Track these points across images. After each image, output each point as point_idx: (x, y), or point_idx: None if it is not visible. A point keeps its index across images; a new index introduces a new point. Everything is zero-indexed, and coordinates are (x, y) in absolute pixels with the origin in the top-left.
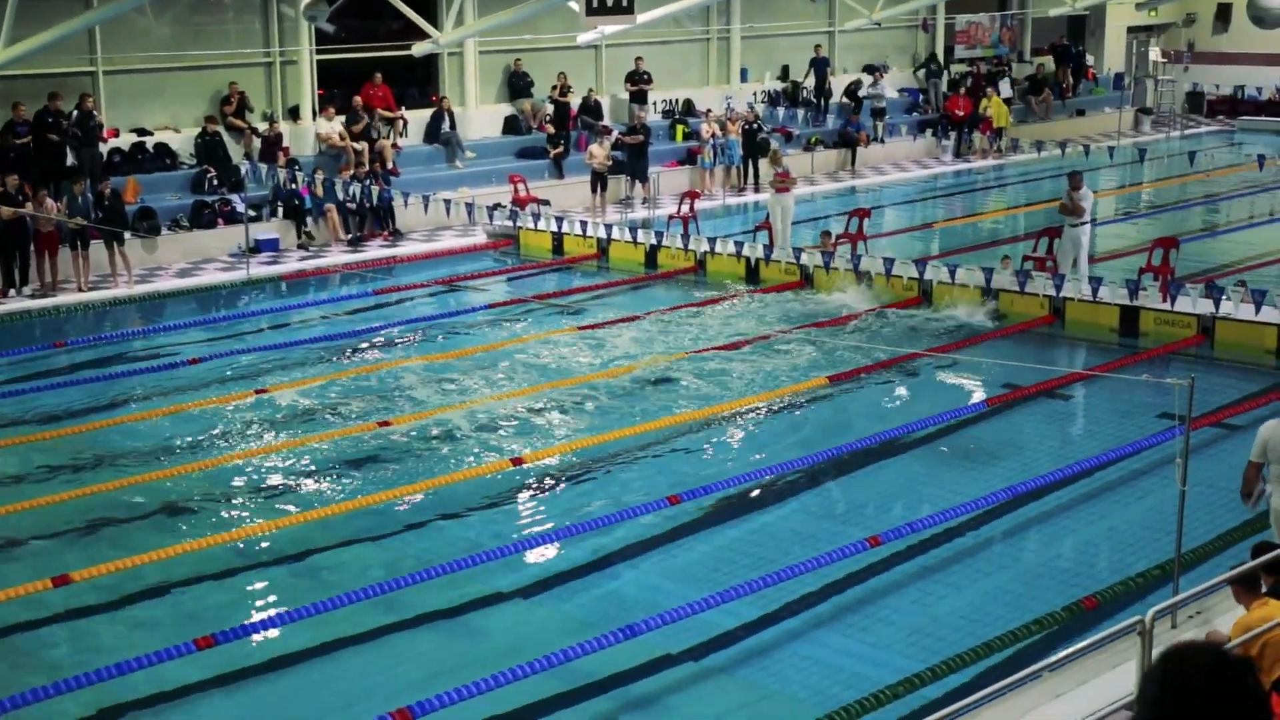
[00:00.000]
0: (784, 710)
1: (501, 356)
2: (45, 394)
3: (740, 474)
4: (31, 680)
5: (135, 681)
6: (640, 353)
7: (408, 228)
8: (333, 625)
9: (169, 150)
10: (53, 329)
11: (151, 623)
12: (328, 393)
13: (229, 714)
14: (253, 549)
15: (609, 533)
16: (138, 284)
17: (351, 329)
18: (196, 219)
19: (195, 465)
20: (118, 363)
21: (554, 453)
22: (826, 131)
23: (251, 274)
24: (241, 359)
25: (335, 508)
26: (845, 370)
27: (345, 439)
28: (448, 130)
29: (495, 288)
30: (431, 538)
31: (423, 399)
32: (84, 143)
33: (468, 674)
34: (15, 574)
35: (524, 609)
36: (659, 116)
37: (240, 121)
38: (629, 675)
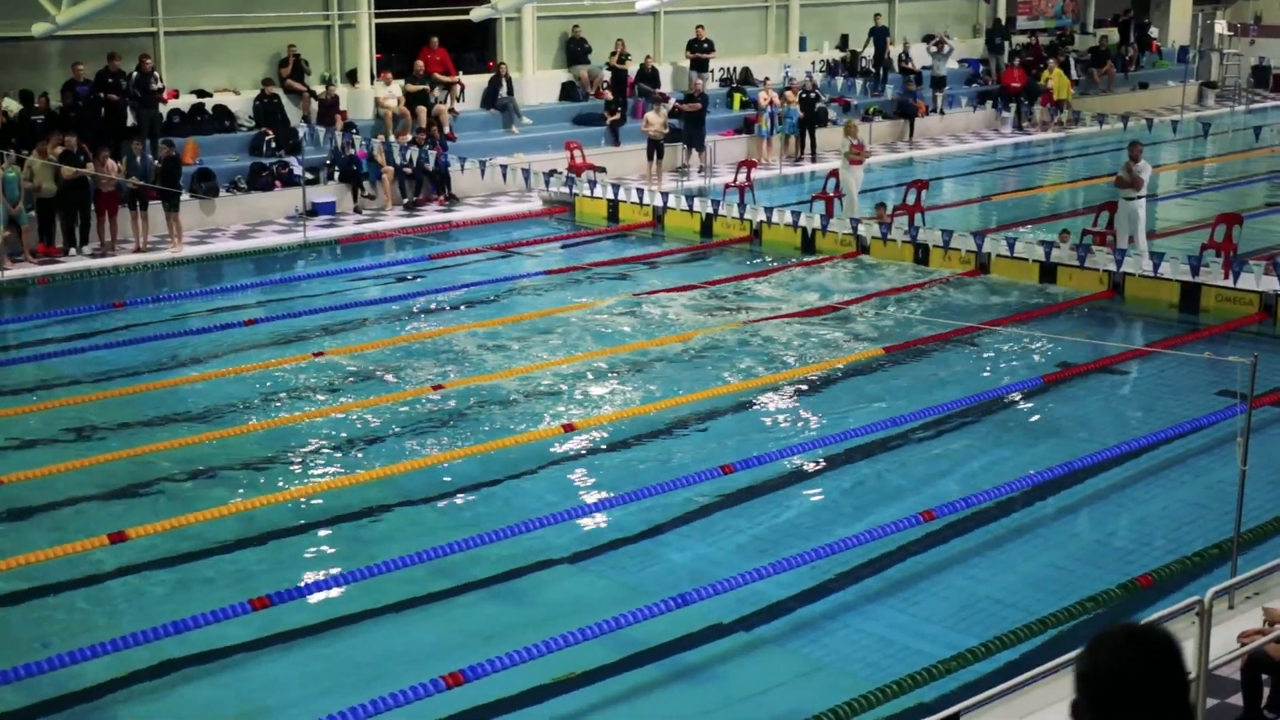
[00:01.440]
0: (834, 682)
1: (555, 323)
2: (104, 353)
3: (793, 445)
4: (91, 636)
5: (193, 640)
6: (694, 321)
7: (463, 193)
8: (385, 588)
9: (228, 112)
10: (111, 288)
11: (207, 582)
12: (383, 356)
13: (282, 675)
14: (307, 510)
15: (661, 501)
16: (196, 245)
17: (407, 293)
18: (254, 181)
19: (252, 426)
20: (175, 323)
21: (606, 420)
22: (884, 102)
23: (308, 237)
24: (298, 321)
25: (388, 470)
26: (900, 342)
27: (400, 403)
28: (505, 96)
29: (550, 254)
30: (483, 502)
31: (476, 364)
32: (144, 103)
33: (518, 639)
34: (74, 530)
35: (575, 575)
36: (716, 85)
37: (298, 84)
38: (679, 644)
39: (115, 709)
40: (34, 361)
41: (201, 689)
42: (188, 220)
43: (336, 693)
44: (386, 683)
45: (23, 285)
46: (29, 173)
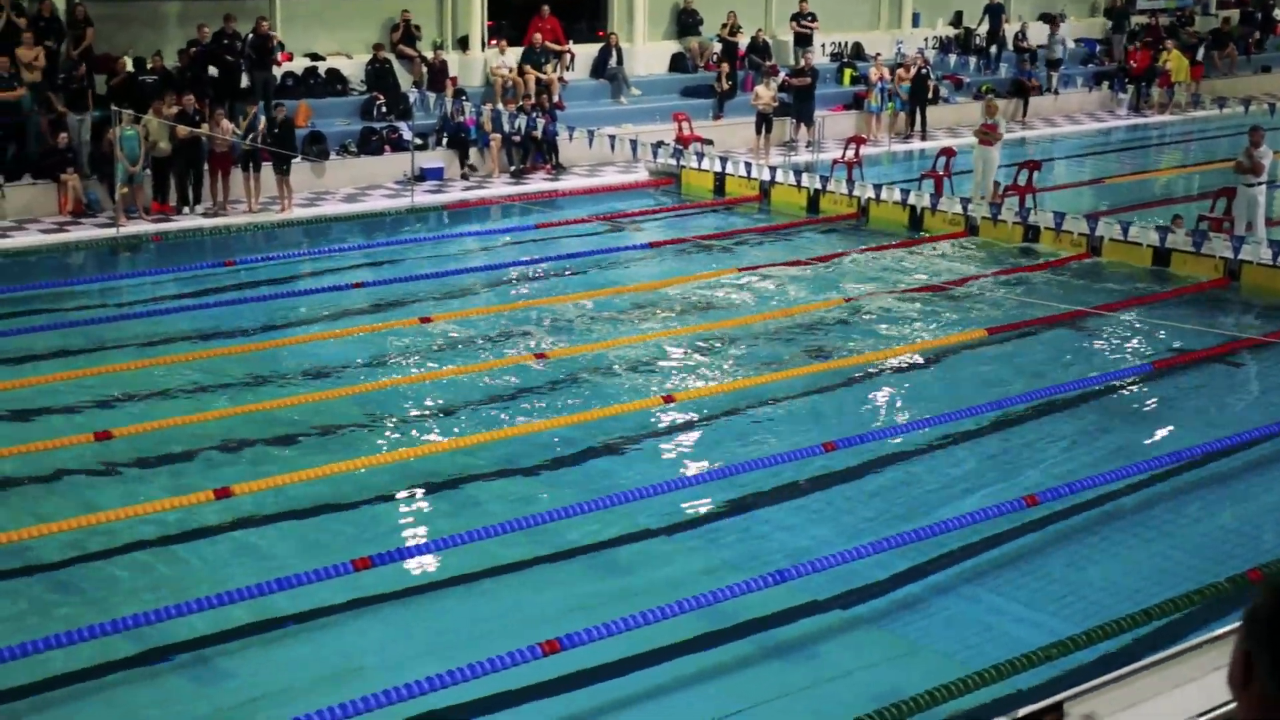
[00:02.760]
0: (930, 664)
1: (658, 295)
2: (214, 310)
3: (895, 424)
4: (196, 590)
5: (294, 597)
6: (798, 297)
7: (570, 162)
8: (483, 554)
9: (340, 76)
10: (223, 247)
11: (309, 541)
12: (487, 323)
13: (381, 635)
14: (409, 474)
15: (760, 476)
16: (305, 207)
17: (511, 260)
18: (364, 145)
19: (357, 388)
20: (284, 284)
21: (707, 393)
22: (998, 80)
23: (415, 202)
24: (404, 286)
25: (489, 436)
26: (1006, 324)
27: (502, 370)
28: (614, 66)
29: (654, 226)
30: (582, 472)
31: (579, 333)
32: (258, 66)
33: (613, 610)
34: (181, 484)
35: (672, 547)
36: (827, 59)
37: (409, 50)
38: (774, 620)
39: (219, 660)
40: (147, 317)
41: (301, 646)
42: (298, 182)
43: (434, 655)
44: (483, 647)
45: (138, 241)
46: (146, 131)
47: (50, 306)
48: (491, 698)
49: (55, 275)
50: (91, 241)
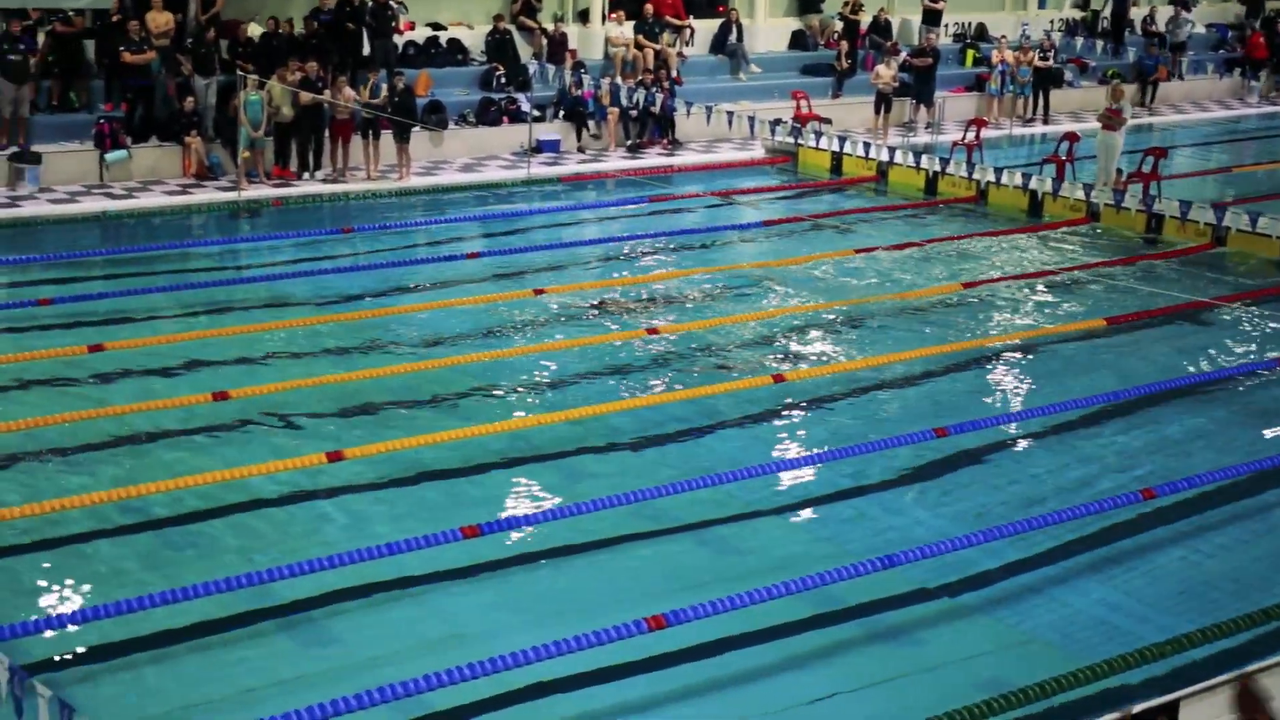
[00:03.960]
0: (1038, 656)
1: (772, 273)
2: (331, 277)
3: (1009, 411)
4: (306, 552)
5: (403, 562)
6: (913, 279)
7: (686, 137)
8: (590, 526)
9: (461, 46)
10: (341, 214)
11: (417, 507)
12: (599, 296)
13: (487, 603)
14: (517, 444)
15: (870, 459)
16: (423, 176)
17: (625, 234)
18: (483, 115)
19: (470, 357)
20: (400, 252)
21: (818, 373)
22: (1124, 65)
23: (532, 173)
24: (519, 257)
25: (599, 409)
26: (1127, 313)
27: (614, 344)
28: (734, 42)
29: (770, 204)
30: (691, 448)
31: (691, 310)
32: (380, 34)
33: (721, 588)
34: (294, 446)
35: (779, 527)
36: (950, 40)
37: (530, 21)
38: (882, 605)
39: (325, 622)
40: (265, 281)
41: (407, 610)
42: (417, 151)
43: (538, 625)
44: (588, 619)
45: (258, 206)
46: (269, 97)
47: (173, 268)
48: (596, 671)
49: (178, 237)
50: (213, 204)
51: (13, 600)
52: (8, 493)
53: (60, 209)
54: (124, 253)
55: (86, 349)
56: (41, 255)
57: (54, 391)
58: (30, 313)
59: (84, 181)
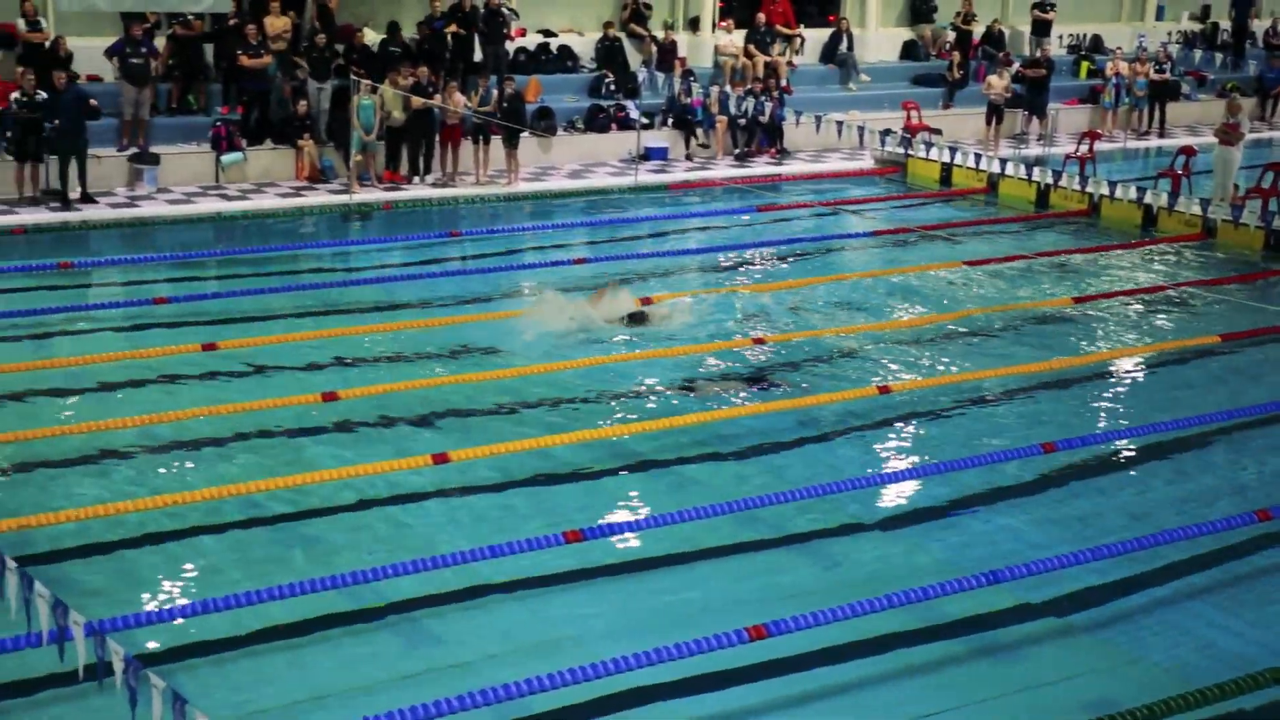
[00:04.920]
0: (1144, 678)
1: (879, 283)
2: (439, 280)
3: (1119, 429)
4: (411, 552)
5: (507, 565)
6: (1022, 293)
7: (795, 146)
8: (691, 534)
9: (571, 53)
10: (449, 218)
11: (520, 512)
12: (703, 305)
13: (587, 608)
14: (621, 450)
15: (975, 473)
16: (531, 181)
17: (732, 243)
18: (591, 122)
19: (574, 363)
20: (507, 256)
21: (924, 385)
22: (1244, 77)
23: (639, 180)
24: (625, 264)
25: (702, 417)
26: (1242, 331)
27: (718, 353)
28: (844, 51)
29: (878, 214)
30: (794, 459)
31: (797, 319)
32: (492, 40)
33: (822, 599)
34: (400, 448)
35: (882, 540)
36: (1064, 51)
37: (640, 28)
38: (986, 621)
39: (428, 622)
40: (374, 283)
41: (509, 613)
42: (525, 156)
43: (639, 631)
44: (690, 627)
45: (369, 209)
46: (381, 101)
47: (284, 269)
48: (696, 679)
49: (289, 238)
50: (325, 207)
51: (127, 592)
52: (123, 487)
53: (177, 209)
54: (237, 253)
55: (200, 347)
56: (158, 255)
57: (168, 389)
58: (147, 311)
59: (200, 183)
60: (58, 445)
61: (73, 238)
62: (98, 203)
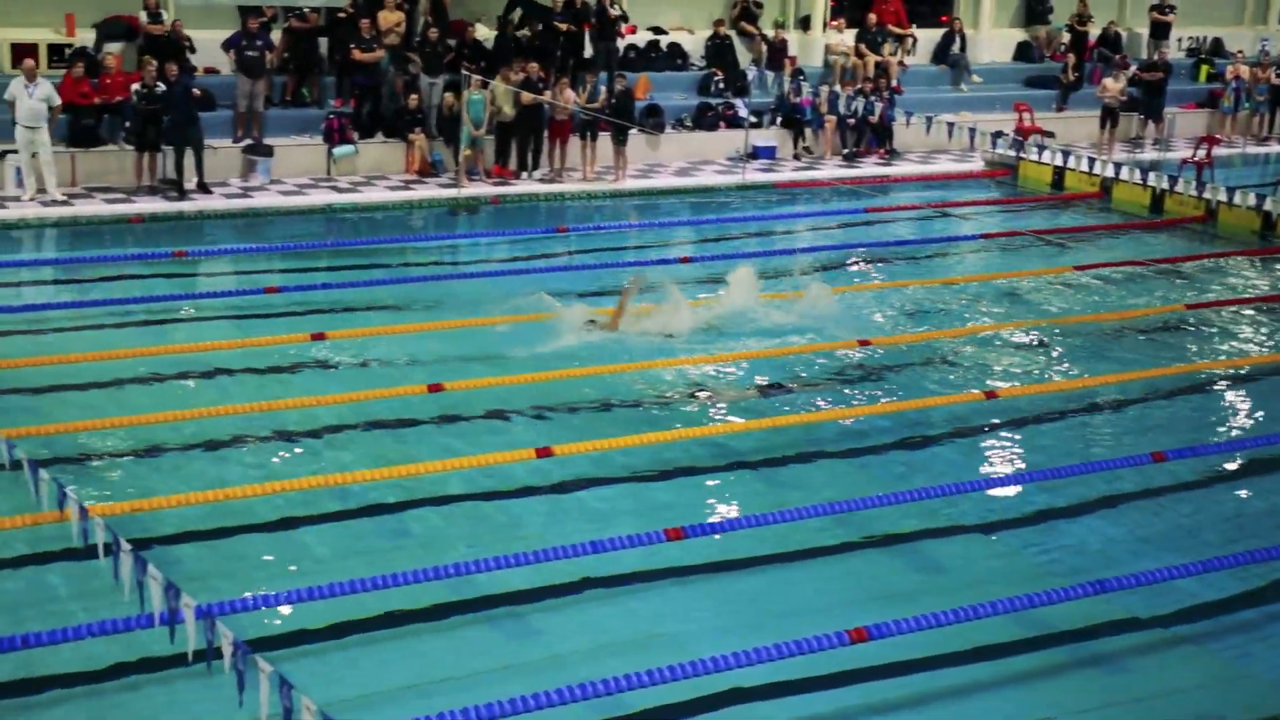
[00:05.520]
0: (1256, 693)
1: (986, 288)
2: (545, 275)
3: (1230, 440)
4: (514, 545)
5: (607, 561)
6: (1136, 299)
7: (904, 147)
8: (792, 534)
9: (681, 50)
10: (556, 213)
11: (624, 507)
12: (811, 305)
13: (688, 605)
14: (722, 449)
15: (1082, 481)
16: (638, 179)
17: (839, 244)
18: (699, 120)
19: (676, 361)
20: (612, 253)
21: (1030, 391)
22: None
23: (746, 179)
24: (730, 263)
25: (805, 417)
26: None
27: (824, 353)
28: (956, 52)
29: (987, 217)
30: (896, 461)
31: (903, 321)
32: (603, 36)
33: (924, 604)
34: (504, 441)
35: (985, 546)
36: (1183, 54)
37: (750, 27)
38: (1090, 631)
39: (530, 616)
40: (482, 278)
41: (608, 608)
42: (633, 154)
43: (739, 630)
44: (789, 627)
45: (477, 203)
46: (491, 96)
47: (392, 261)
48: (795, 680)
49: (398, 231)
50: (433, 201)
51: (234, 577)
52: (233, 474)
53: (289, 200)
54: (347, 245)
55: (309, 337)
56: (270, 245)
57: (278, 378)
58: (258, 300)
59: (312, 175)
60: (170, 431)
61: (187, 227)
62: (212, 193)
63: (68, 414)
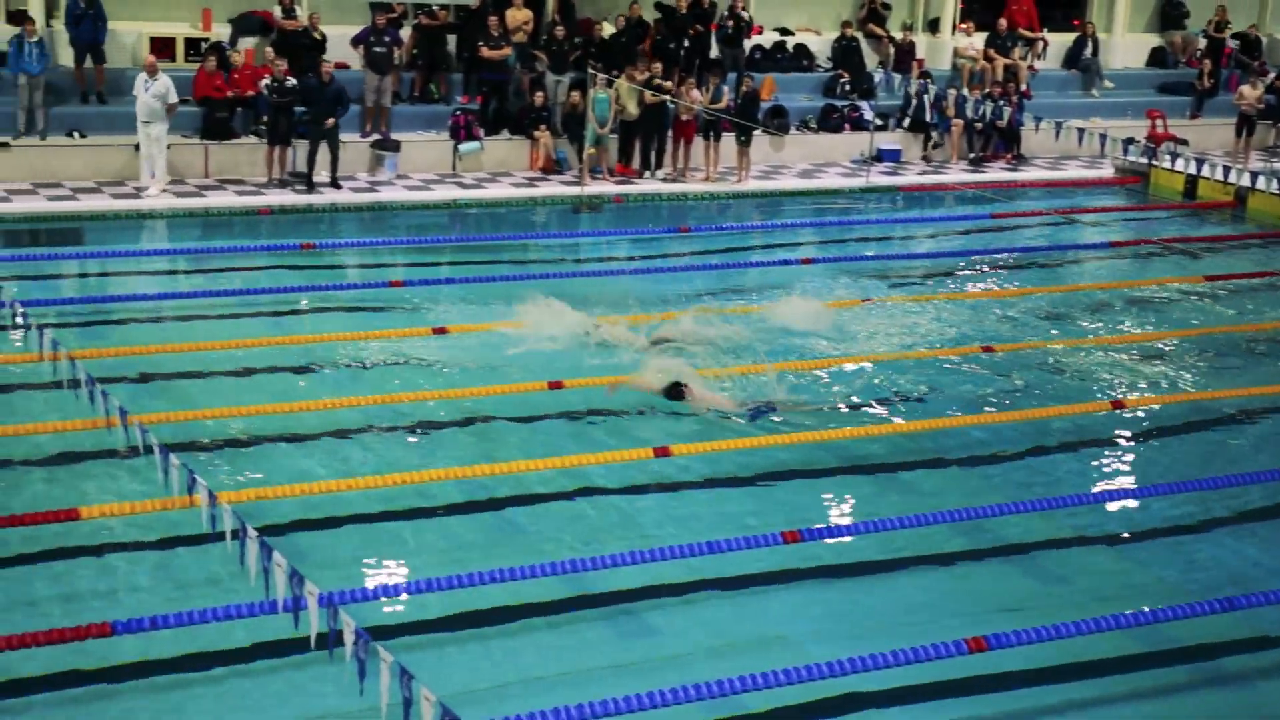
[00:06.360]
0: None
1: (1114, 296)
2: (664, 275)
3: None
4: (629, 543)
5: (724, 561)
6: (1270, 311)
7: (1031, 153)
8: (912, 541)
9: (807, 52)
10: (678, 213)
11: (739, 509)
12: (932, 310)
13: (804, 608)
14: (840, 452)
15: (1212, 496)
16: (761, 180)
17: (963, 249)
18: (824, 122)
19: (793, 364)
20: (734, 254)
21: (1159, 402)
22: None
23: (870, 182)
24: (851, 265)
25: (925, 424)
26: None
27: (947, 359)
28: (1088, 57)
29: (1116, 225)
30: (1020, 469)
31: (1027, 329)
32: (730, 37)
33: (1045, 615)
34: (623, 439)
35: (1110, 558)
36: None
37: (878, 29)
38: (1218, 649)
39: (645, 614)
40: (601, 276)
41: (724, 609)
42: (756, 155)
43: (855, 636)
44: (906, 634)
45: (599, 201)
46: (616, 95)
47: (515, 257)
48: (911, 688)
49: (521, 227)
50: (556, 198)
51: (358, 567)
52: (354, 465)
53: (414, 195)
54: (470, 240)
55: (431, 331)
56: (394, 239)
57: (399, 370)
58: (382, 293)
59: (437, 170)
60: (294, 420)
61: (315, 219)
62: (342, 188)
63: (196, 401)
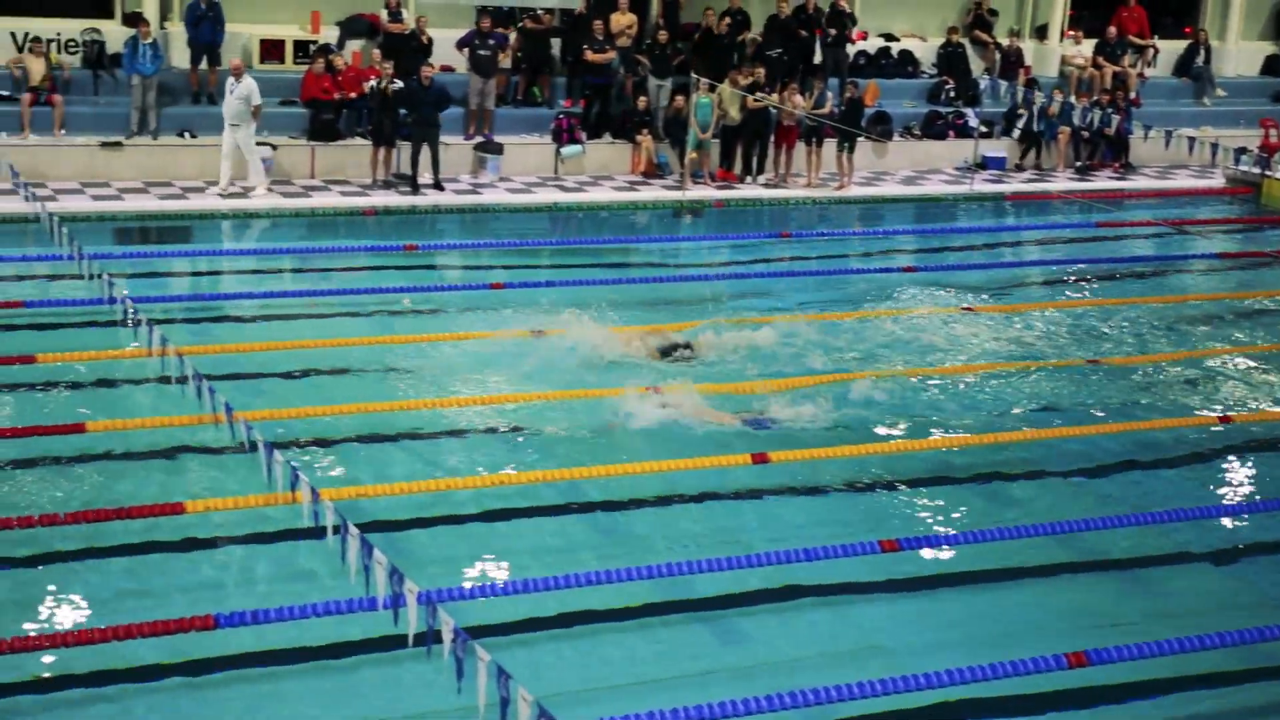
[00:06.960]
0: None
1: (1223, 308)
2: (766, 280)
3: None
4: (723, 549)
5: (820, 569)
6: None
7: (1140, 161)
8: (1010, 553)
9: (911, 58)
10: (779, 219)
11: (838, 517)
12: (1036, 319)
13: (897, 619)
14: (938, 462)
15: None
16: (863, 186)
17: (1068, 258)
18: (928, 128)
19: (891, 371)
20: (835, 260)
21: (1269, 417)
22: None
23: (974, 190)
24: (953, 274)
25: (1026, 435)
26: None
27: (1054, 370)
28: (1200, 65)
29: (1226, 236)
30: (1119, 482)
31: (1135, 341)
32: (834, 42)
33: (1147, 631)
34: (721, 446)
35: (1214, 575)
36: None
37: (984, 35)
38: None
39: (737, 620)
40: (702, 280)
41: (819, 617)
42: (859, 161)
43: (951, 646)
44: (1005, 647)
45: (700, 206)
46: (718, 99)
47: (616, 260)
48: (1008, 699)
49: (622, 231)
50: (658, 202)
51: (457, 566)
52: (451, 464)
53: (516, 198)
54: (571, 244)
55: (530, 333)
56: (496, 241)
57: (499, 371)
58: (483, 295)
59: (539, 173)
60: (395, 419)
61: (418, 221)
62: (445, 189)
63: (299, 399)
